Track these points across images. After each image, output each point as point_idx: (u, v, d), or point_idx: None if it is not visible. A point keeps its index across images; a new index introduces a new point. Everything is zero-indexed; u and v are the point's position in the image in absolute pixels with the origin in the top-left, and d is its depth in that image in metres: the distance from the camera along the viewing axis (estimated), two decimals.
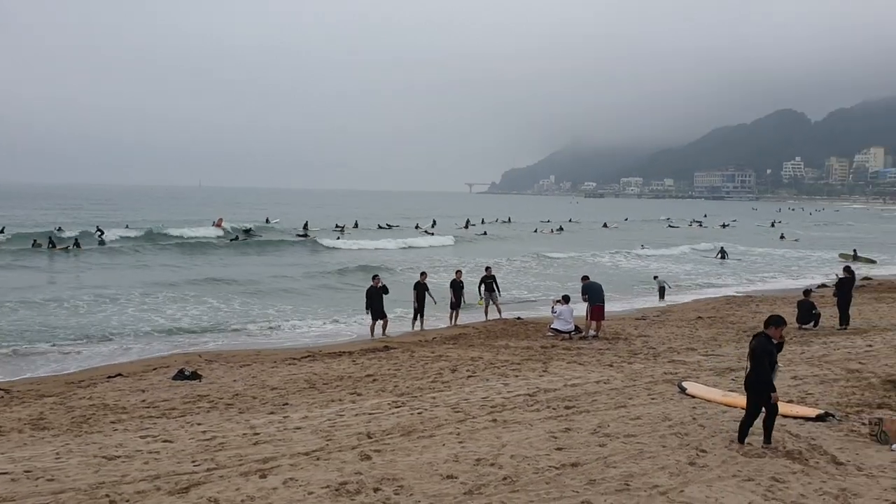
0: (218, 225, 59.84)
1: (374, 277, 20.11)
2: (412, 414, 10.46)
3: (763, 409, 8.71)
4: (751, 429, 8.83)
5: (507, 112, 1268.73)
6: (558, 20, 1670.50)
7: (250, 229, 59.31)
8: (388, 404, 11.11)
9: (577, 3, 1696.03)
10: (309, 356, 16.15)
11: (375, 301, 19.27)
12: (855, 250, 46.87)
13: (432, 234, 62.30)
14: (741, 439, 8.86)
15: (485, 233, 67.44)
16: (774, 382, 8.61)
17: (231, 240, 51.79)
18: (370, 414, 10.54)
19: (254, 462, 8.28)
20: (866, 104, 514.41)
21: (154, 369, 15.17)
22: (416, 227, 73.61)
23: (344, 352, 16.57)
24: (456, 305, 21.19)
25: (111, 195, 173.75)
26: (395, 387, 12.58)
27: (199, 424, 10.29)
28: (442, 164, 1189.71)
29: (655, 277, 28.71)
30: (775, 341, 8.68)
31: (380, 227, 71.63)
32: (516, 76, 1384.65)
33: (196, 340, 19.15)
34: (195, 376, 14.04)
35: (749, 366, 8.68)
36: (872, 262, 42.53)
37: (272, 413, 10.93)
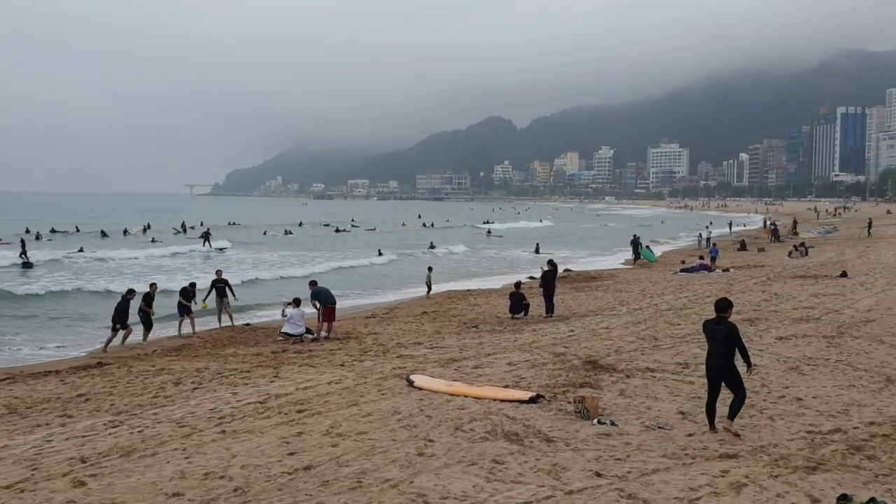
0: None
1: (130, 292, 18.97)
2: (132, 433, 9.76)
3: (729, 389, 9.20)
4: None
5: (231, 111, 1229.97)
6: (279, 13, 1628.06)
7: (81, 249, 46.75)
8: (104, 424, 10.26)
9: (302, 4, 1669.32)
10: (8, 378, 14.38)
11: (125, 313, 18.42)
12: (538, 244, 52.73)
13: (155, 240, 58.21)
14: (712, 425, 9.26)
15: (206, 233, 63.78)
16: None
17: None
18: (84, 437, 9.67)
19: None
20: (565, 113, 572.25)
21: None
22: (125, 232, 69.38)
23: (50, 371, 14.99)
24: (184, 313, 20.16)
25: None
26: (112, 405, 11.64)
27: None
28: (159, 164, 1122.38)
29: (430, 269, 29.65)
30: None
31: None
32: (241, 71, 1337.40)
33: None
34: None
35: (717, 351, 9.14)
36: (549, 253, 47.65)
37: None
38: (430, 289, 28.12)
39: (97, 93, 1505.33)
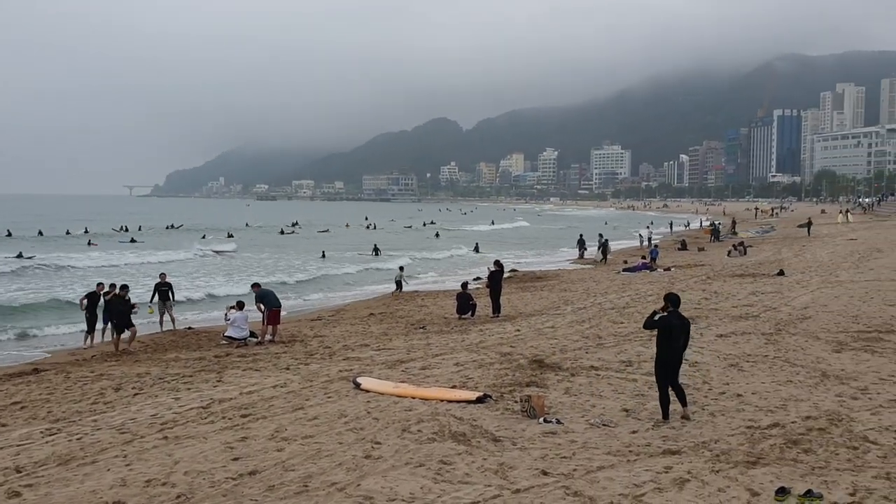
0: None
1: (123, 288, 18.28)
2: (70, 440, 9.50)
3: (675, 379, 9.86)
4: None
5: (170, 110, 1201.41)
6: (222, 11, 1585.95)
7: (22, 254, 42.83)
8: (41, 433, 9.96)
9: (244, 1, 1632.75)
10: None
11: (117, 312, 17.67)
12: (477, 244, 53.37)
13: (96, 244, 56.33)
14: (667, 415, 9.81)
15: (132, 240, 61.22)
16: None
17: None
18: (19, 445, 9.37)
19: None
20: (510, 115, 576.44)
21: None
22: (67, 232, 67.73)
23: None
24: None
25: None
26: (49, 412, 11.31)
27: None
28: (95, 165, 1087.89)
29: (401, 268, 29.54)
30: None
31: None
32: (181, 69, 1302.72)
33: None
34: None
35: (679, 343, 9.73)
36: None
37: None
38: (400, 287, 28.17)
39: (16, 86, 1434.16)
